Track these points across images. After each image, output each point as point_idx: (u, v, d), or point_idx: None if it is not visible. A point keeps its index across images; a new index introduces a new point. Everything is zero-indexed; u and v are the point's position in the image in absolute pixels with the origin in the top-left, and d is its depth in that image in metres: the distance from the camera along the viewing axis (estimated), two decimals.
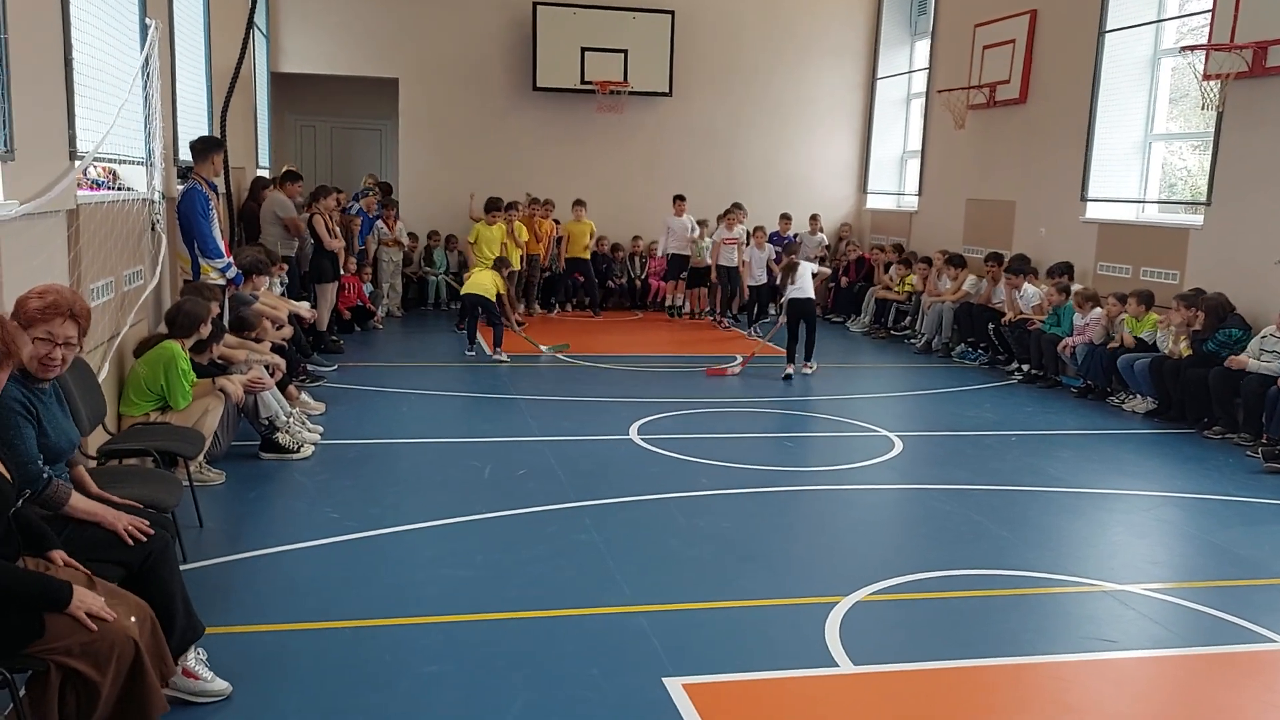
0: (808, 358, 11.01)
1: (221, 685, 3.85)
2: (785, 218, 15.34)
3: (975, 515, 6.43)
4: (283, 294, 9.96)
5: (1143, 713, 4.12)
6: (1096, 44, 11.48)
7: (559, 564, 5.34)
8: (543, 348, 11.76)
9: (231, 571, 5.12)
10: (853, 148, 16.87)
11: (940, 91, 14.35)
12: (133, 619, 3.31)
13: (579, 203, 14.63)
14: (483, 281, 11.57)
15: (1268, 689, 4.27)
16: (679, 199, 14.59)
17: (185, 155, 8.20)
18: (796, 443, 8.41)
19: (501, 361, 11.03)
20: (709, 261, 14.44)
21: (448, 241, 15.25)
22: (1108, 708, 4.11)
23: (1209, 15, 9.67)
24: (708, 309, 15.08)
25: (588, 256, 14.83)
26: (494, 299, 11.46)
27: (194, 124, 9.41)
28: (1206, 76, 9.54)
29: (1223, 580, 5.50)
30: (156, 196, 7.35)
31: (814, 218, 16.02)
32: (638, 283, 15.83)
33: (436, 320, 14.09)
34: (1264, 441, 8.22)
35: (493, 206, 13.14)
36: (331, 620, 4.57)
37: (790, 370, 10.78)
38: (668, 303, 15.08)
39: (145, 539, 3.75)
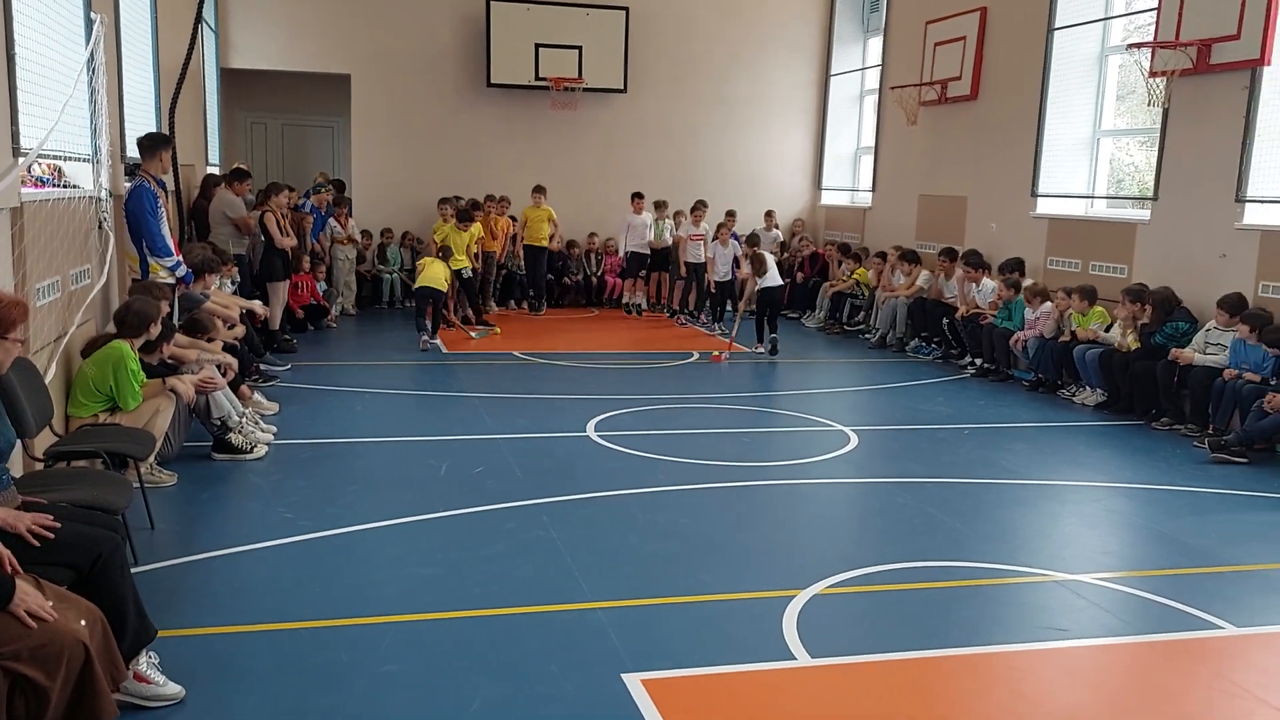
0: (761, 339, 11.88)
1: (174, 689, 3.80)
2: (730, 214, 15.19)
3: (930, 508, 6.49)
4: (234, 292, 9.85)
5: (1095, 700, 4.18)
6: (1045, 41, 11.62)
7: (517, 561, 5.33)
8: (472, 333, 12.43)
9: (184, 573, 5.06)
10: (807, 144, 16.96)
11: (893, 88, 14.46)
12: (82, 622, 3.27)
13: (539, 189, 14.50)
14: (436, 274, 11.76)
15: (1216, 675, 4.35)
16: (637, 197, 14.63)
17: (133, 152, 8.08)
18: (753, 438, 8.44)
19: (435, 345, 11.65)
20: (667, 242, 14.72)
21: (402, 239, 15.14)
22: (1061, 696, 4.17)
23: (1154, 13, 9.83)
24: (665, 302, 15.13)
25: (546, 244, 14.63)
26: (445, 290, 11.90)
27: (142, 120, 9.27)
28: (1152, 73, 9.69)
29: (1172, 569, 5.60)
30: (103, 194, 7.22)
31: (769, 214, 16.06)
32: (594, 280, 15.80)
33: (391, 318, 13.99)
34: (1210, 432, 8.38)
35: (466, 216, 12.91)
36: (288, 621, 4.53)
37: (763, 348, 11.82)
38: (625, 300, 15.07)
39: (52, 536, 3.64)
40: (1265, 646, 4.69)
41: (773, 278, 11.85)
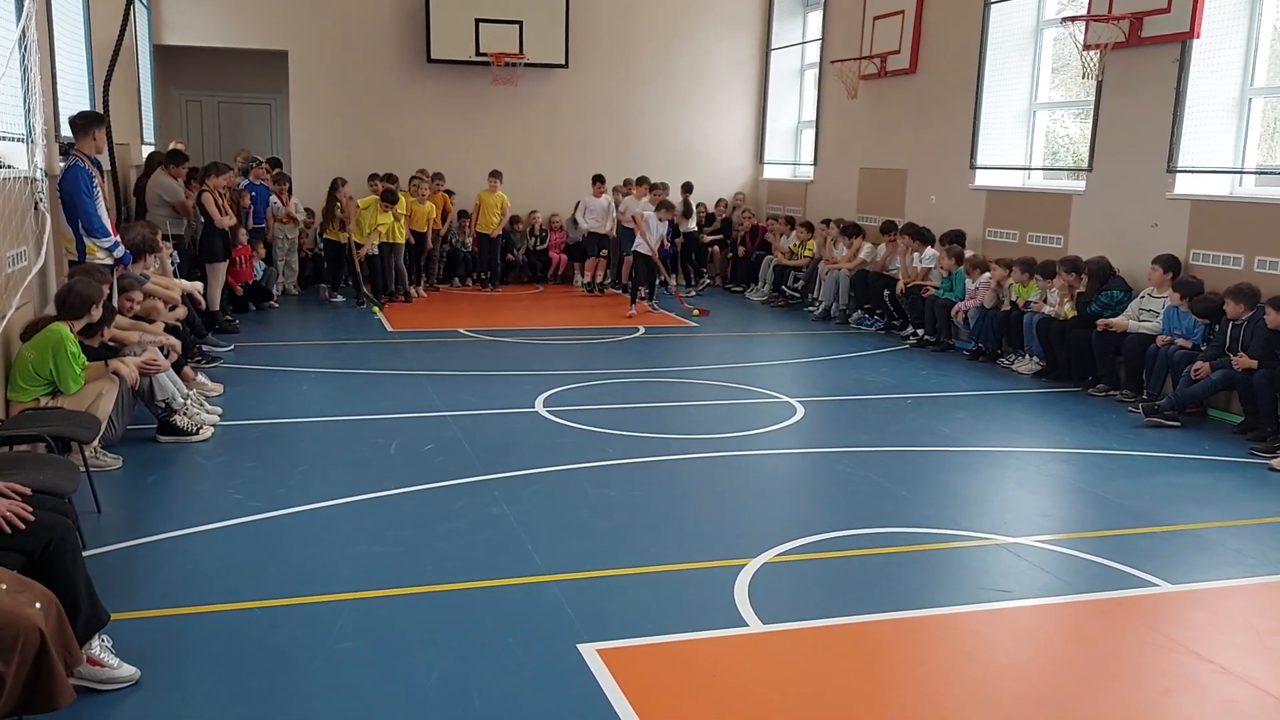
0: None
1: (129, 671, 3.79)
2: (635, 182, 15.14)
3: (875, 476, 6.61)
4: (174, 273, 9.71)
5: (1036, 656, 4.32)
6: (982, 15, 11.75)
7: (471, 537, 5.36)
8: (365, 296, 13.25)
9: (134, 557, 5.02)
10: (749, 118, 17.01)
11: (833, 62, 14.54)
12: (37, 606, 3.24)
13: (495, 174, 14.42)
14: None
15: (1150, 629, 4.51)
16: (598, 180, 14.60)
17: (67, 131, 7.91)
18: (701, 411, 8.51)
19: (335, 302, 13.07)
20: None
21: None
22: (1004, 654, 4.30)
23: None
24: (609, 280, 15.14)
25: (496, 231, 14.63)
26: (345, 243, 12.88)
27: (75, 99, 9.06)
28: (1086, 46, 9.86)
29: (1109, 530, 5.77)
30: (39, 174, 7.08)
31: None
32: (537, 244, 15.70)
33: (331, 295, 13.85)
34: (1144, 397, 8.61)
35: (391, 197, 13.14)
36: (241, 601, 4.52)
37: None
38: (586, 280, 15.05)
39: (24, 526, 3.62)
40: (1197, 602, 4.86)
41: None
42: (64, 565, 3.66)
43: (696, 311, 12.97)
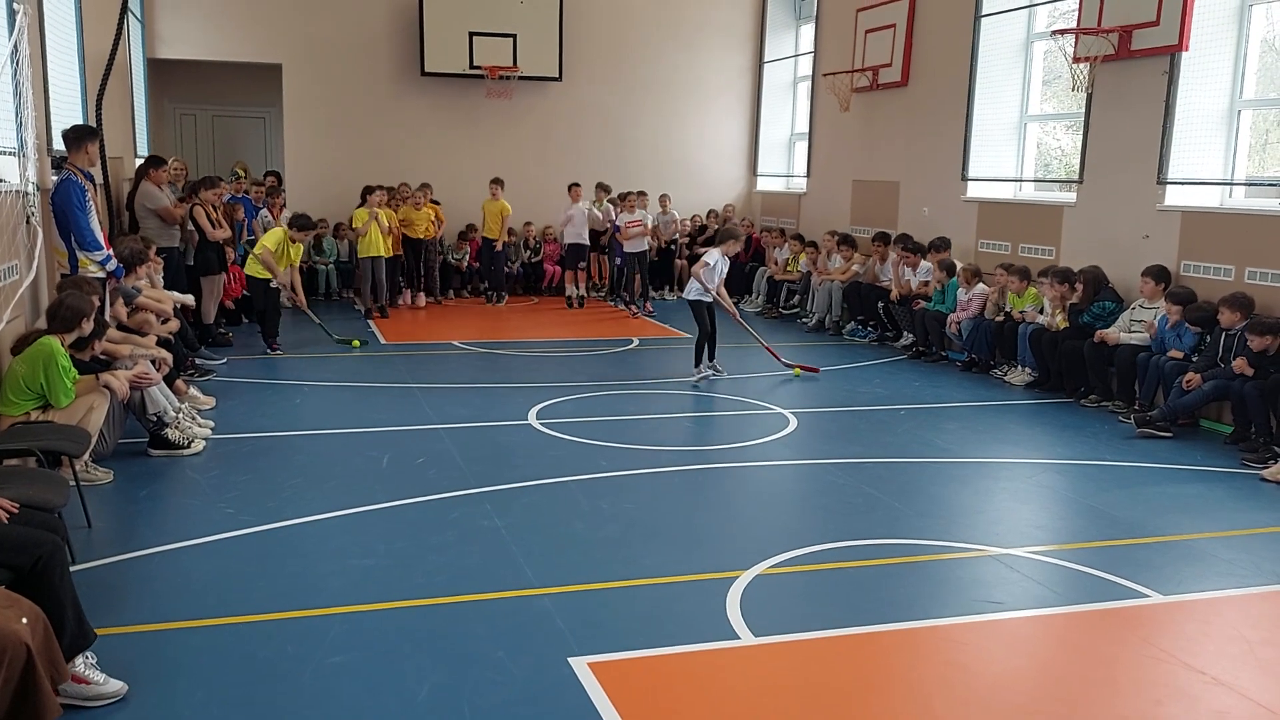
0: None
1: (115, 686, 3.77)
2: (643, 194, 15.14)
3: (868, 487, 6.61)
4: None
5: (1029, 668, 4.31)
6: (973, 28, 11.80)
7: (462, 550, 5.35)
8: (334, 336, 11.33)
9: (124, 571, 5.00)
10: (742, 130, 17.06)
11: (826, 75, 14.59)
12: (24, 621, 3.24)
13: (496, 181, 14.35)
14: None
15: (1144, 641, 4.51)
16: (575, 187, 14.57)
17: (59, 145, 7.92)
18: (694, 422, 8.51)
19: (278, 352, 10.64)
20: (603, 222, 14.67)
21: (335, 230, 14.95)
22: (996, 665, 4.30)
23: (1078, 0, 10.03)
24: (595, 289, 15.14)
25: (497, 237, 14.43)
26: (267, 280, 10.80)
27: (68, 112, 9.08)
28: (1076, 59, 9.91)
29: (1101, 541, 5.77)
30: (30, 188, 7.08)
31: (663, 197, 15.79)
32: (531, 262, 15.71)
33: (327, 310, 13.79)
34: (1136, 408, 8.62)
35: (309, 225, 11.65)
36: (232, 616, 4.50)
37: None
38: (567, 292, 15.00)
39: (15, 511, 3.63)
40: (1189, 613, 4.86)
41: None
42: (52, 581, 3.64)
43: (798, 370, 10.20)
